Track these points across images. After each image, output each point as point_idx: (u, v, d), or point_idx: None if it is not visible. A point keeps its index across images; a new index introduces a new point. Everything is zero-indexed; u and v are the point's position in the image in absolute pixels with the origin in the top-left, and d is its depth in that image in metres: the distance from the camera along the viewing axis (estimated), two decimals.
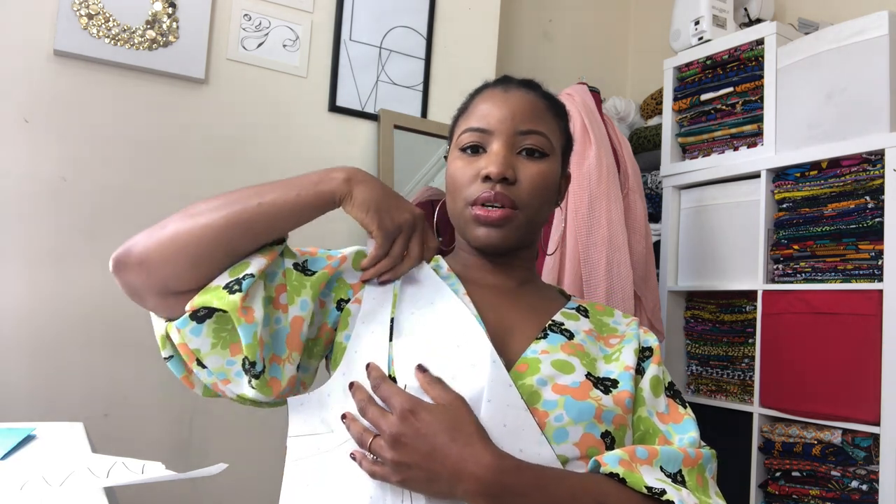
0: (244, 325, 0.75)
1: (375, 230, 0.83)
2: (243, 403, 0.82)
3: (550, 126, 0.90)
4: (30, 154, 1.47)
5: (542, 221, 0.92)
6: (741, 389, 1.92)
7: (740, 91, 1.98)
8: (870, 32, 1.66)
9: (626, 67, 2.83)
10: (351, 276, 0.87)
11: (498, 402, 0.73)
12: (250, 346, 0.76)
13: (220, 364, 0.78)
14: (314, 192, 0.81)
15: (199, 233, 0.77)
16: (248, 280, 0.77)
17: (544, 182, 0.88)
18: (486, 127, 0.87)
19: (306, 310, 0.81)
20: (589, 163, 1.64)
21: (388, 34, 1.90)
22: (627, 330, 0.92)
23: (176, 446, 1.57)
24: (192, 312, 0.77)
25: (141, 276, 0.78)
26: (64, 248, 1.49)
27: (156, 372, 1.55)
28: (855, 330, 1.61)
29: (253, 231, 0.80)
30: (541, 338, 0.84)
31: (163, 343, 0.81)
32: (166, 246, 0.77)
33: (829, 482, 1.63)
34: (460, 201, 0.88)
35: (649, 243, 1.79)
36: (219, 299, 0.76)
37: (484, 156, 0.87)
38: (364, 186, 0.83)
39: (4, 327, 1.43)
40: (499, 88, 0.91)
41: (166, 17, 1.60)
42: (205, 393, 0.85)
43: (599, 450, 0.75)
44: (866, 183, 1.65)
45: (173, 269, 0.77)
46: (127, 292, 0.81)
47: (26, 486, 0.75)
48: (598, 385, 0.79)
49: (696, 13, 2.11)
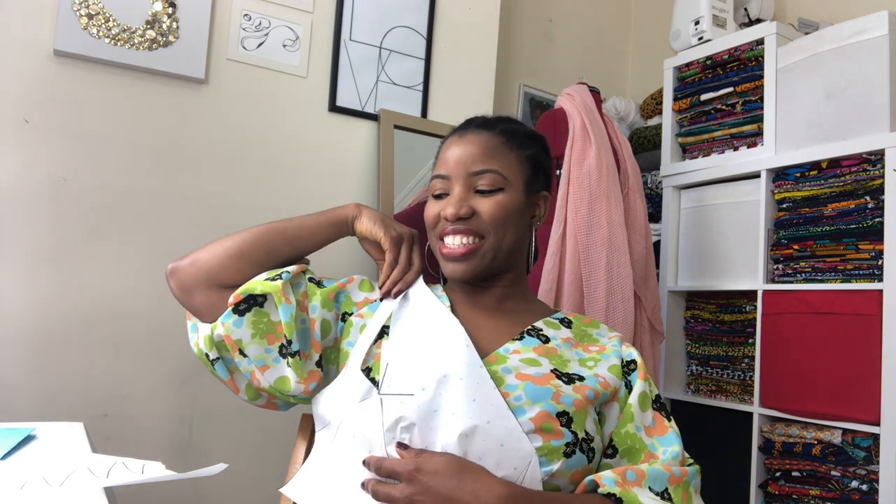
0: (284, 305, 0.90)
1: (383, 236, 0.99)
2: (277, 398, 0.94)
3: (506, 161, 0.97)
4: (30, 154, 1.47)
5: (513, 244, 0.98)
6: (741, 389, 1.92)
7: (740, 91, 1.98)
8: (870, 32, 1.66)
9: (626, 67, 2.83)
10: (356, 294, 0.99)
11: (469, 380, 0.82)
12: (289, 324, 0.89)
13: (259, 352, 0.91)
14: (333, 215, 1.01)
15: (240, 237, 0.96)
16: (286, 274, 0.93)
17: (503, 211, 0.95)
18: (446, 173, 0.97)
19: (316, 313, 0.94)
20: (589, 163, 1.64)
21: (388, 34, 1.90)
22: (609, 344, 0.97)
23: (176, 446, 1.57)
24: (235, 306, 0.90)
25: (191, 271, 0.94)
26: (64, 248, 1.49)
27: (156, 372, 1.55)
28: (855, 330, 1.61)
29: (286, 238, 0.98)
30: (516, 339, 0.93)
31: (209, 345, 0.92)
32: (213, 248, 0.95)
33: (829, 482, 1.63)
34: (433, 239, 1.00)
35: (649, 243, 1.79)
36: (261, 285, 0.90)
37: (447, 198, 0.97)
38: (370, 209, 1.02)
39: (4, 327, 1.43)
40: (457, 134, 1.01)
41: (166, 17, 1.60)
42: (248, 394, 0.96)
43: (553, 426, 0.80)
44: (866, 183, 1.65)
45: (220, 260, 0.94)
46: (178, 293, 0.95)
47: (26, 486, 0.75)
48: (561, 377, 0.87)
49: (696, 13, 2.12)
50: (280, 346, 0.91)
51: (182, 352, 1.57)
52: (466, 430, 0.78)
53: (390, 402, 0.82)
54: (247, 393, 0.95)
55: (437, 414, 0.80)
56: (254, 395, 0.96)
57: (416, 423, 0.80)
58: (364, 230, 1.00)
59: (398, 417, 0.80)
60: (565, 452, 0.80)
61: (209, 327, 0.93)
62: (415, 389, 0.82)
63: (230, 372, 0.95)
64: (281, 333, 0.91)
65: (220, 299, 0.93)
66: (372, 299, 0.99)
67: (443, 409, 0.80)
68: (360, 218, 1.00)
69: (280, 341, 0.91)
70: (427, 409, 0.80)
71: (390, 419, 0.81)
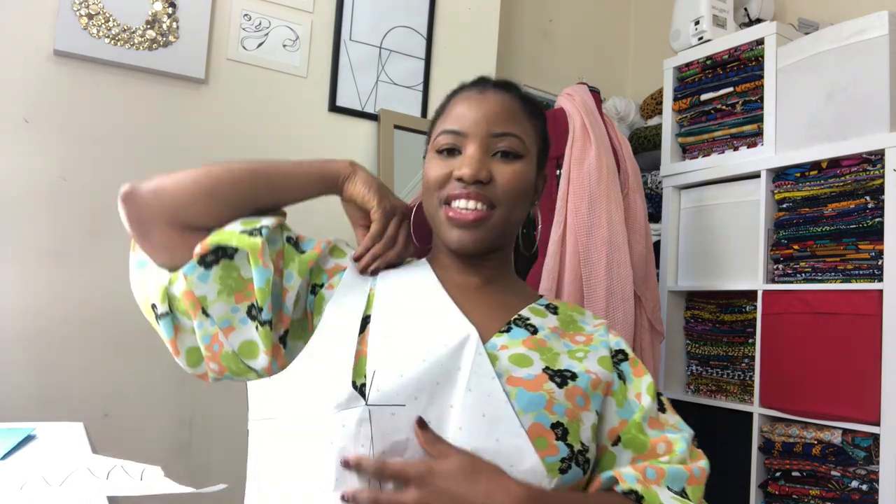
0: (260, 268, 0.79)
1: (375, 206, 0.89)
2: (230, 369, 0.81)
3: (525, 128, 0.90)
4: (30, 154, 1.47)
5: (517, 222, 0.92)
6: (741, 389, 1.92)
7: (740, 91, 1.98)
8: (870, 32, 1.66)
9: (626, 67, 2.83)
10: (326, 261, 0.89)
11: (480, 392, 0.74)
12: (263, 290, 0.79)
13: (225, 311, 0.80)
14: (323, 167, 0.90)
15: (218, 173, 0.83)
16: (265, 230, 0.81)
17: (520, 181, 0.88)
18: (461, 129, 0.88)
19: (292, 281, 0.83)
20: (589, 163, 1.64)
21: (388, 34, 1.90)
22: (595, 333, 0.91)
23: (176, 446, 1.57)
24: (201, 258, 0.79)
25: (152, 203, 0.80)
26: (64, 248, 1.49)
27: (156, 372, 1.55)
28: (855, 330, 1.61)
29: (271, 184, 0.86)
30: (503, 331, 0.85)
31: (162, 298, 0.80)
32: (182, 180, 0.81)
33: (829, 482, 1.63)
34: (434, 201, 0.89)
35: (649, 243, 1.79)
36: (237, 239, 0.79)
37: (459, 157, 0.88)
38: (366, 172, 0.92)
39: (4, 327, 1.43)
40: (474, 90, 0.92)
41: (166, 17, 1.60)
42: (188, 359, 0.83)
43: (548, 440, 0.74)
44: (866, 183, 1.65)
45: (188, 196, 0.80)
46: (131, 225, 0.80)
47: (26, 486, 0.75)
48: (553, 378, 0.80)
49: (696, 13, 2.11)
50: (249, 306, 0.81)
51: None
52: (475, 449, 0.71)
53: (380, 414, 0.71)
54: (187, 357, 0.83)
55: (439, 429, 0.72)
56: (195, 360, 0.83)
57: (410, 437, 0.71)
58: (355, 194, 0.90)
59: (394, 442, 0.71)
60: (561, 469, 0.74)
61: (166, 278, 0.80)
62: (406, 399, 0.72)
63: (175, 330, 0.82)
64: (251, 293, 0.81)
65: (182, 241, 0.80)
66: (343, 266, 0.89)
67: (447, 424, 0.72)
68: (354, 179, 0.90)
69: (249, 301, 0.81)
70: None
71: (384, 438, 0.70)
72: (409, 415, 0.71)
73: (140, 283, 0.83)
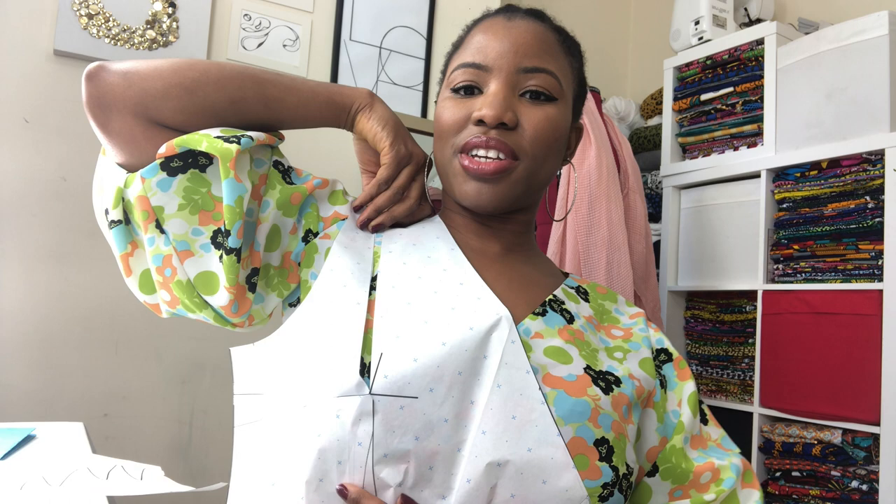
0: (231, 181, 0.65)
1: (388, 147, 0.75)
2: (184, 303, 0.69)
3: (561, 64, 0.75)
4: (30, 154, 1.47)
5: (545, 179, 0.76)
6: (741, 389, 1.92)
7: (740, 91, 1.98)
8: (870, 32, 1.66)
9: (626, 67, 2.83)
10: (325, 207, 0.75)
11: (510, 388, 0.60)
12: (231, 209, 0.65)
13: (184, 230, 0.67)
14: (335, 92, 0.76)
15: (203, 68, 0.69)
16: (246, 140, 0.67)
17: (552, 129, 0.72)
18: (483, 62, 0.73)
19: (267, 211, 0.70)
20: (589, 163, 1.64)
21: (388, 34, 1.90)
22: (635, 327, 0.78)
23: (176, 446, 1.57)
24: (165, 160, 0.66)
25: (119, 86, 0.66)
26: (64, 247, 1.49)
27: (156, 372, 1.55)
28: (855, 330, 1.61)
29: (264, 93, 0.71)
30: (538, 314, 0.70)
31: (115, 201, 0.67)
32: (160, 68, 0.68)
33: (829, 482, 1.63)
34: (448, 149, 0.74)
35: (649, 243, 1.79)
36: (208, 142, 0.65)
37: (479, 97, 0.73)
38: (384, 106, 0.78)
39: (4, 327, 1.43)
40: (501, 17, 0.77)
41: (166, 17, 1.60)
42: (141, 286, 0.71)
43: (589, 460, 0.60)
44: (866, 183, 1.65)
45: (163, 86, 0.66)
46: (91, 106, 0.66)
47: (26, 486, 0.75)
48: (597, 381, 0.66)
49: (696, 13, 2.11)
50: (215, 231, 0.67)
51: (182, 352, 1.57)
52: (500, 459, 0.57)
53: (386, 407, 0.58)
54: (140, 282, 0.71)
55: (456, 430, 0.59)
56: (149, 286, 0.71)
57: (420, 438, 0.58)
58: (367, 130, 0.76)
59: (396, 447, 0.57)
60: (601, 496, 0.60)
61: (122, 177, 0.67)
62: (420, 390, 0.58)
63: (132, 246, 0.70)
64: (220, 216, 0.67)
65: (145, 137, 0.67)
66: (343, 215, 0.75)
67: (468, 425, 0.59)
68: (369, 112, 0.76)
69: (216, 225, 0.67)
70: (437, 419, 0.58)
71: (388, 438, 0.57)
72: (422, 411, 0.58)
73: (97, 188, 0.71)
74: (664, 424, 0.72)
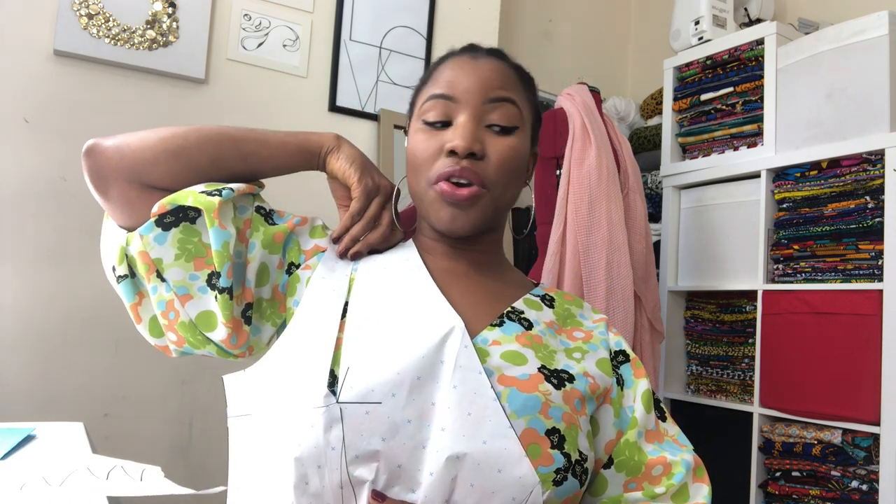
0: (217, 229, 0.73)
1: (356, 182, 0.83)
2: (189, 342, 0.77)
3: (520, 96, 0.83)
4: (30, 154, 1.47)
5: (509, 202, 0.84)
6: (741, 389, 1.92)
7: (740, 91, 1.98)
8: (870, 32, 1.66)
9: (626, 67, 2.83)
10: (306, 241, 0.83)
11: (465, 388, 0.67)
12: (220, 253, 0.73)
13: (182, 276, 0.75)
14: (304, 140, 0.84)
15: (184, 133, 0.78)
16: (227, 192, 0.75)
17: (514, 159, 0.80)
18: (453, 94, 0.79)
19: (254, 252, 0.78)
20: (589, 163, 1.64)
21: (388, 34, 1.90)
22: (595, 330, 0.85)
23: (176, 446, 1.57)
24: (159, 217, 0.75)
25: (113, 158, 0.75)
26: (64, 247, 1.49)
27: (156, 372, 1.55)
28: (855, 330, 1.61)
29: (240, 150, 0.80)
30: (496, 325, 0.77)
31: (120, 258, 0.76)
32: (147, 137, 0.77)
33: (829, 482, 1.63)
34: (423, 179, 0.80)
35: (649, 243, 1.79)
36: (193, 197, 0.74)
37: (449, 129, 0.79)
38: (351, 146, 0.86)
39: (4, 327, 1.43)
40: (467, 55, 0.84)
41: (166, 17, 1.60)
42: (150, 329, 0.79)
43: (541, 448, 0.67)
44: (866, 183, 1.65)
45: (152, 154, 0.76)
46: (92, 178, 0.76)
47: (26, 486, 0.75)
48: (550, 378, 0.73)
49: (696, 13, 2.12)
50: (209, 274, 0.75)
51: None
52: (458, 453, 0.64)
53: (353, 414, 0.64)
54: (150, 327, 0.79)
55: (419, 429, 0.65)
56: (157, 331, 0.79)
57: (387, 438, 0.64)
58: (337, 169, 0.84)
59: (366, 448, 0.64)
60: (555, 480, 0.66)
61: (124, 237, 0.76)
62: (383, 396, 0.65)
63: (139, 297, 0.78)
64: (213, 261, 0.75)
65: (140, 200, 0.76)
66: (322, 247, 0.82)
67: (430, 424, 0.66)
68: (337, 154, 0.84)
69: (210, 269, 0.75)
70: (401, 421, 0.65)
71: (357, 441, 0.64)
72: (387, 414, 0.65)
73: (104, 248, 0.80)
74: (620, 419, 0.79)
